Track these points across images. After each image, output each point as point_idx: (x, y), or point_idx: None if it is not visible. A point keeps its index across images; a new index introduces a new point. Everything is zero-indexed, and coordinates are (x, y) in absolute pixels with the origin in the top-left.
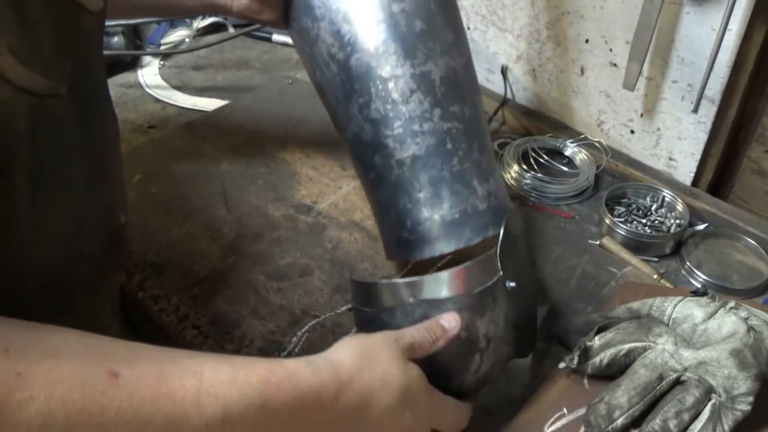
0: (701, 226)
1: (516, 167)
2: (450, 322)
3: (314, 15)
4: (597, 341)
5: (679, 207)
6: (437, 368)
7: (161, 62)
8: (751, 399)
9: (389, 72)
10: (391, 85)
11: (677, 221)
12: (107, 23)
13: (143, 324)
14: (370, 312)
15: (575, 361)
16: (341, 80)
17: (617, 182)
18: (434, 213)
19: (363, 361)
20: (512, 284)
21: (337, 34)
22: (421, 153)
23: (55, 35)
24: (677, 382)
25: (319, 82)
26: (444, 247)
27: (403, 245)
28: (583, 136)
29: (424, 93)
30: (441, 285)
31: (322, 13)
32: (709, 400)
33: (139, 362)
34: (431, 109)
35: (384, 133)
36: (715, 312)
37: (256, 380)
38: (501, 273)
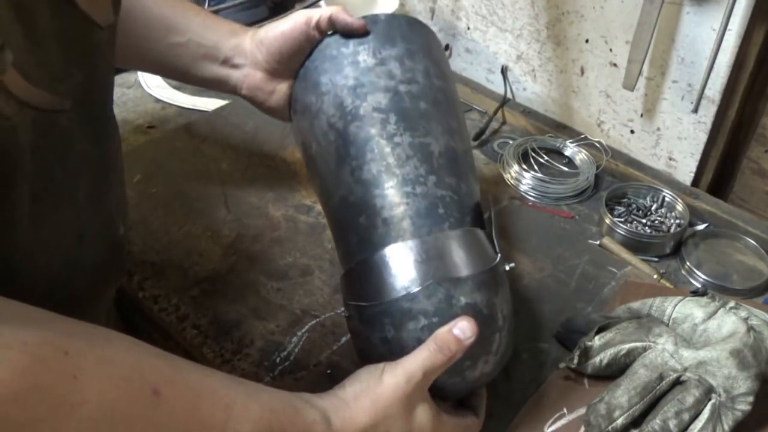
0: (701, 226)
1: (516, 167)
2: (465, 331)
3: (320, 91)
4: (597, 341)
5: (679, 207)
6: (464, 355)
7: None
8: (751, 399)
9: (387, 139)
10: (387, 149)
11: (677, 221)
12: None
13: (143, 324)
14: (383, 304)
15: (575, 361)
16: (336, 146)
17: (617, 182)
18: None
19: (373, 419)
20: (511, 265)
21: (340, 105)
22: (411, 213)
23: (63, 49)
24: (677, 382)
25: (314, 155)
26: None
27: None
28: (583, 136)
29: (420, 161)
30: (460, 261)
31: (328, 89)
32: (709, 399)
33: (180, 382)
34: (426, 175)
35: (373, 192)
36: (715, 312)
37: (277, 427)
38: (499, 254)
